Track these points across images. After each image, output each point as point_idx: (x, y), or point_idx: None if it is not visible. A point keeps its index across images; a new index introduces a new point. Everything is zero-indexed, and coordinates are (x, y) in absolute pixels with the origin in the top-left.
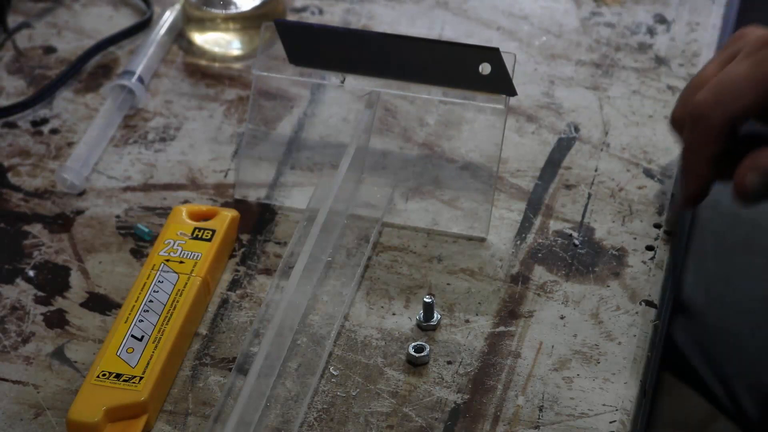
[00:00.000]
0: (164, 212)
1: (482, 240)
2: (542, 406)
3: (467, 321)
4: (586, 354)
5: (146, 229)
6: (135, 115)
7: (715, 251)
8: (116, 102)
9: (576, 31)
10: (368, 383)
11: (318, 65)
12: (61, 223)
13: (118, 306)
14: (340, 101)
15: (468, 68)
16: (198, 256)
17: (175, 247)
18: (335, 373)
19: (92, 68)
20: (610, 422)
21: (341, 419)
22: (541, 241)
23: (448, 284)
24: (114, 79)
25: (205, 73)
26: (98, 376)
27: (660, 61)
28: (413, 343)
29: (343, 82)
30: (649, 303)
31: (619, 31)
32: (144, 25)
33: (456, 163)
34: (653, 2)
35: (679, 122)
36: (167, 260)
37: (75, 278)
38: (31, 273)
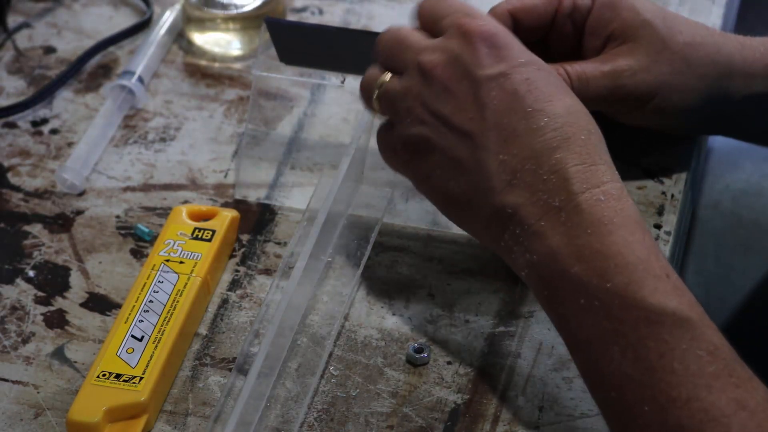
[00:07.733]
0: (164, 212)
1: None
2: (542, 406)
3: (467, 321)
4: None
5: (146, 230)
6: (135, 115)
7: (715, 251)
8: (116, 102)
9: None
10: (368, 383)
11: (310, 64)
12: (61, 223)
13: (118, 306)
14: (340, 101)
15: None
16: (198, 256)
17: (175, 247)
18: (335, 373)
19: (92, 68)
20: None
21: (341, 419)
22: None
23: (448, 284)
24: (114, 79)
25: (205, 73)
26: (98, 377)
27: None
28: (413, 344)
29: (343, 82)
30: None
31: None
32: (144, 25)
33: None
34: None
35: None
36: (167, 260)
37: (75, 278)
38: (31, 273)
